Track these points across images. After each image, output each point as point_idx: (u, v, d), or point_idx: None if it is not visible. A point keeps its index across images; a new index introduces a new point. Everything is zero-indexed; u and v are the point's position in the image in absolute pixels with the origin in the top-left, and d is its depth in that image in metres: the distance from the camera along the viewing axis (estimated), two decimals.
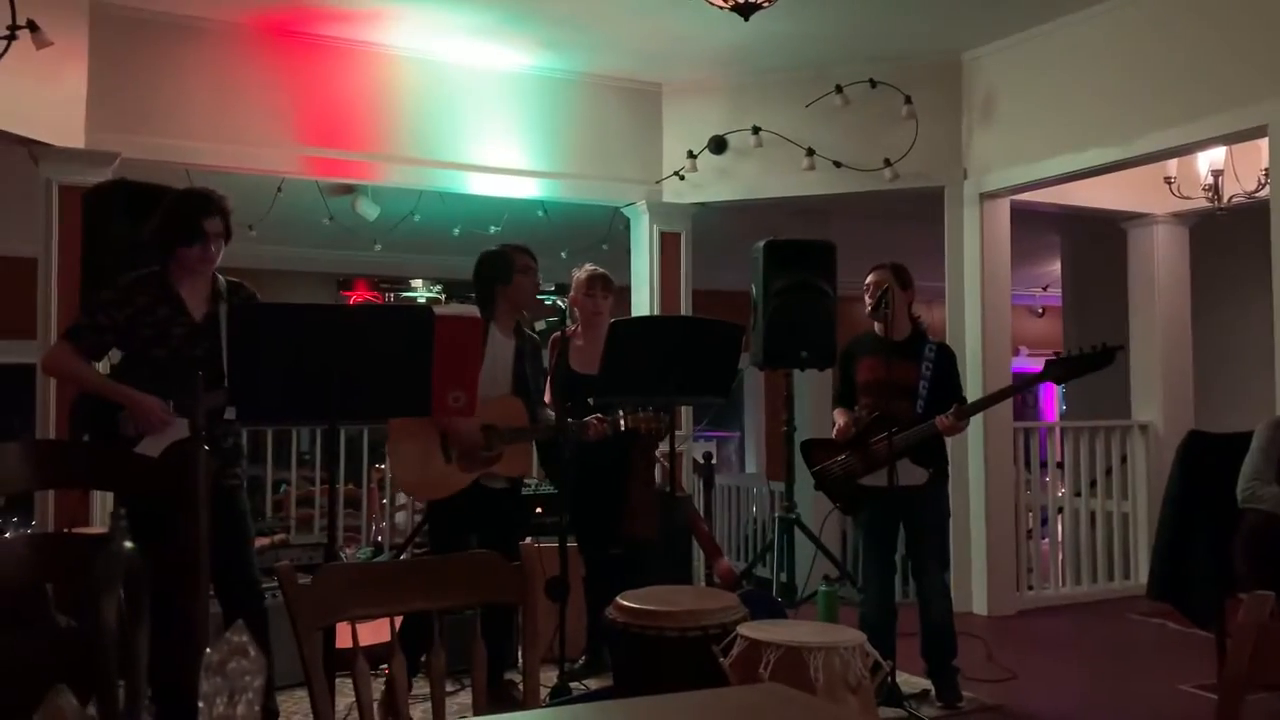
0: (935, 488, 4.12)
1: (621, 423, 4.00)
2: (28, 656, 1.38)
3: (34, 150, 4.63)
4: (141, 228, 3.84)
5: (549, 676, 3.79)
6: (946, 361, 4.18)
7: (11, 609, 2.21)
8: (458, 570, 1.79)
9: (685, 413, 5.94)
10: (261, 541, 4.68)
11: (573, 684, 3.87)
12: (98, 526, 4.43)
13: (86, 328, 3.22)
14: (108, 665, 0.70)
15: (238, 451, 3.45)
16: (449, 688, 3.87)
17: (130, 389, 3.12)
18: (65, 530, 4.18)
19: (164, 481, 1.76)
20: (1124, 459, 6.35)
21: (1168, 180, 5.95)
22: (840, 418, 4.22)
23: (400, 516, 6.86)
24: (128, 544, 0.73)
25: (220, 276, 3.43)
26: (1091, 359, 3.84)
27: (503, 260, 3.98)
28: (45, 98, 4.58)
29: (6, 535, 4.77)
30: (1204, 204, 5.96)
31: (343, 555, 5.48)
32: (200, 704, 0.65)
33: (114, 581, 0.71)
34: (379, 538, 6.54)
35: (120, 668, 0.71)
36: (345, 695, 3.12)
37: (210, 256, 3.30)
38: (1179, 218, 6.44)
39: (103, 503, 4.70)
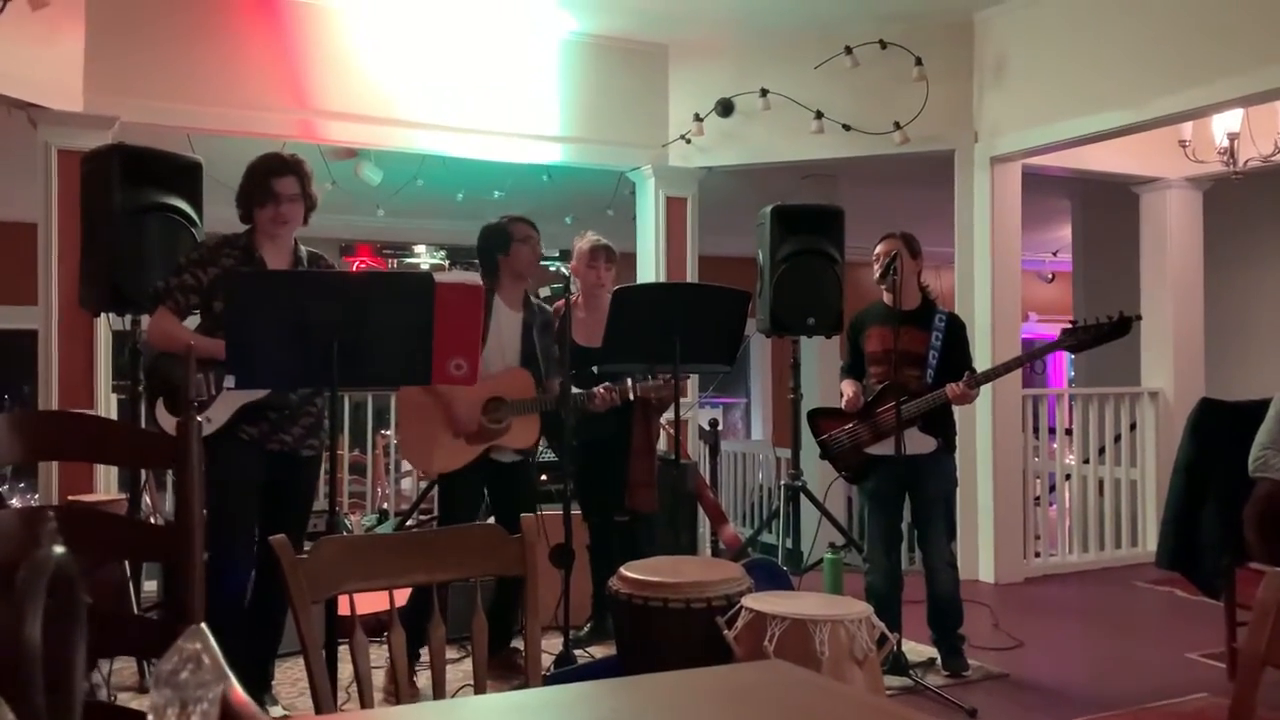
0: (943, 457, 4.09)
1: (631, 392, 3.95)
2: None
3: (32, 114, 4.57)
4: (139, 193, 3.82)
5: (554, 644, 3.79)
6: (957, 331, 4.13)
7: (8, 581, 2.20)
8: (457, 543, 1.77)
9: (691, 379, 5.90)
10: None
11: (577, 651, 3.87)
12: (101, 494, 4.43)
13: (176, 287, 3.27)
14: (30, 681, 0.66)
15: (319, 422, 3.44)
16: (455, 654, 3.87)
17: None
18: (67, 500, 4.17)
19: (160, 452, 1.73)
20: (1133, 426, 6.31)
21: (1182, 143, 5.85)
22: (848, 389, 4.17)
23: (406, 483, 6.86)
24: (57, 549, 0.70)
25: (302, 246, 3.46)
26: (1108, 329, 3.79)
27: (500, 232, 3.97)
28: (42, 59, 4.52)
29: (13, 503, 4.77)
30: (1218, 168, 5.87)
31: (348, 521, 5.48)
32: (149, 715, 0.61)
33: (37, 592, 0.67)
34: (384, 504, 6.55)
35: (50, 682, 0.68)
36: (349, 662, 3.11)
37: (283, 217, 3.32)
38: (1193, 182, 6.35)
39: (105, 472, 4.68)
